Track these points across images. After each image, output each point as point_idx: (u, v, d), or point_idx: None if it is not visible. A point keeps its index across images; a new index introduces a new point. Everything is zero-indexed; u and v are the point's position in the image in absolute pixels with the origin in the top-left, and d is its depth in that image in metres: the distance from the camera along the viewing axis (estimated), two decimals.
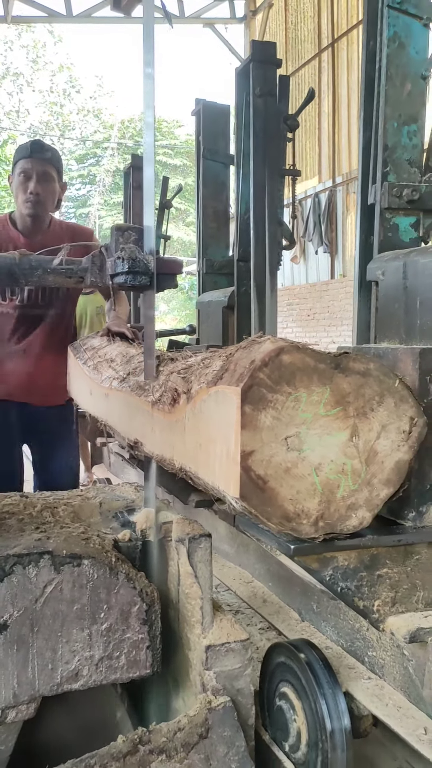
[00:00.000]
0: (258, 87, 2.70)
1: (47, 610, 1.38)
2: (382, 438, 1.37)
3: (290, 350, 1.29)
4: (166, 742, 1.37)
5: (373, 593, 1.46)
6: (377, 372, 1.36)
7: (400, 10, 1.80)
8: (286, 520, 1.31)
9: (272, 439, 1.28)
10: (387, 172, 1.81)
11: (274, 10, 14.27)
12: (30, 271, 1.90)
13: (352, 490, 1.35)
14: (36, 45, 31.72)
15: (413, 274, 1.63)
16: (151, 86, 1.67)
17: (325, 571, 1.44)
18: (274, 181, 2.79)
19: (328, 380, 1.31)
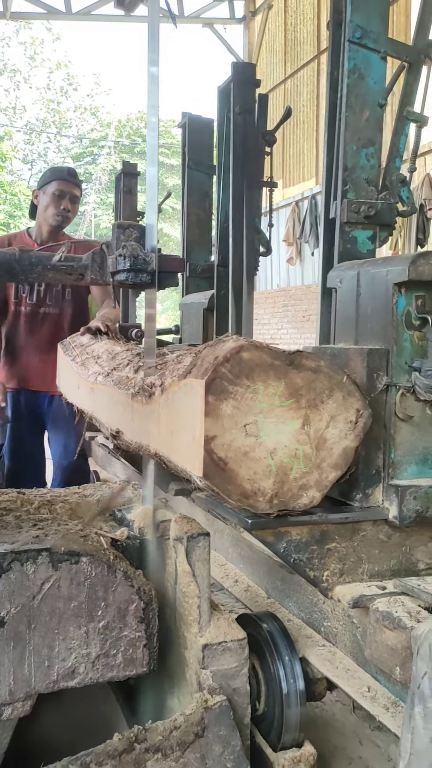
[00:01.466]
0: (238, 105, 2.86)
1: (44, 607, 1.38)
2: (331, 427, 1.53)
3: (249, 348, 1.46)
4: (162, 740, 1.37)
5: (323, 565, 1.63)
6: (327, 369, 1.52)
7: (360, 45, 1.98)
8: (244, 498, 1.46)
9: (232, 426, 1.44)
10: (347, 190, 1.99)
11: (273, 12, 14.27)
12: (29, 267, 1.90)
13: (303, 473, 1.51)
14: (34, 42, 31.65)
15: (364, 283, 1.80)
16: (155, 86, 1.67)
17: (279, 544, 1.59)
18: (252, 192, 2.95)
19: (283, 375, 1.48)
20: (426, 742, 1.21)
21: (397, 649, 1.37)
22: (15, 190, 20.66)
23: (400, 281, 1.65)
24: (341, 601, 1.60)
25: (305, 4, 13.49)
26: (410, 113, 2.19)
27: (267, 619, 1.68)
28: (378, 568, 1.69)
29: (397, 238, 9.26)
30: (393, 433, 1.66)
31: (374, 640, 1.45)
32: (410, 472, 1.68)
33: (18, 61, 32.17)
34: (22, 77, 31.94)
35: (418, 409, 1.67)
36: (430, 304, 1.67)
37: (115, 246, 1.71)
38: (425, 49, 2.17)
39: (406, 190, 2.11)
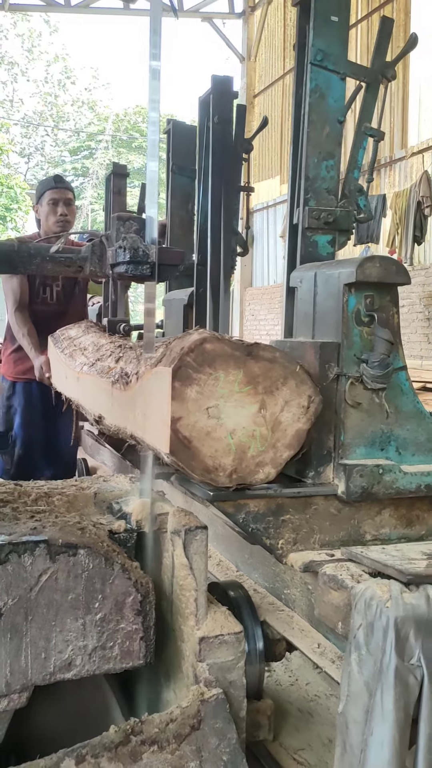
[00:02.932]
0: (216, 115, 3.04)
1: (42, 599, 1.38)
2: (285, 411, 1.69)
3: (212, 340, 1.60)
4: (158, 733, 1.37)
5: (278, 534, 1.78)
6: (282, 359, 1.68)
7: (321, 67, 2.14)
8: (206, 472, 1.62)
9: (196, 409, 1.59)
10: (308, 198, 2.15)
11: (272, 6, 14.23)
12: (28, 258, 1.89)
13: (260, 451, 1.67)
14: (32, 34, 31.50)
15: (320, 283, 1.95)
16: (156, 81, 1.67)
17: (239, 515, 1.74)
18: (230, 197, 3.12)
19: (242, 364, 1.63)
20: (360, 685, 1.35)
21: (340, 607, 1.51)
22: (11, 183, 20.57)
23: (349, 282, 1.81)
24: (294, 566, 1.75)
25: None
26: (368, 129, 2.37)
27: (233, 587, 1.81)
28: (328, 538, 1.84)
29: (394, 236, 9.27)
30: (343, 418, 1.82)
31: (322, 600, 1.60)
32: (358, 453, 1.84)
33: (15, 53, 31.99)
34: (20, 70, 31.80)
35: (366, 396, 1.83)
36: (377, 303, 1.84)
37: (114, 238, 1.70)
38: (382, 71, 2.35)
39: (363, 199, 2.28)
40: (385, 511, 1.89)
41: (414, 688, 1.32)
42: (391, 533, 1.90)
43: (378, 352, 1.80)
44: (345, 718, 1.37)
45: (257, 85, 14.63)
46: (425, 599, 1.37)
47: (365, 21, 10.94)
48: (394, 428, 1.87)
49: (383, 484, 1.79)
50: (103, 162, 28.10)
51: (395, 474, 1.81)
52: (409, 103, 10.08)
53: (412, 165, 9.78)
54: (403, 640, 1.32)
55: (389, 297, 1.86)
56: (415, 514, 1.92)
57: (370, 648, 1.35)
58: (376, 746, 1.31)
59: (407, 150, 9.89)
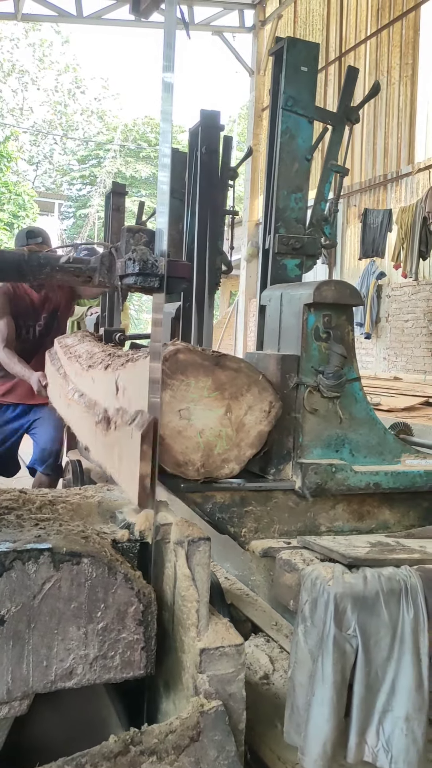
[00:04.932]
0: (204, 146, 3.25)
1: (44, 607, 1.38)
2: (248, 414, 1.88)
3: (184, 351, 1.80)
4: (157, 743, 1.37)
5: (242, 523, 1.96)
6: (246, 369, 1.87)
7: (291, 111, 2.40)
8: (177, 466, 1.81)
9: (169, 411, 1.78)
10: (279, 226, 2.41)
11: (283, 22, 14.35)
12: (38, 268, 1.91)
13: (225, 449, 1.86)
14: (42, 44, 31.78)
15: (285, 302, 2.16)
16: (169, 93, 1.69)
17: (206, 505, 1.92)
18: (215, 219, 3.35)
19: (210, 373, 1.82)
20: (305, 653, 1.53)
21: (292, 587, 1.69)
22: (19, 190, 20.70)
23: (309, 302, 2.01)
24: (255, 552, 1.93)
25: (315, 16, 13.57)
26: (333, 165, 2.62)
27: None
28: (287, 528, 2.01)
29: (399, 251, 9.29)
30: (302, 422, 2.01)
31: (278, 582, 1.78)
32: (315, 453, 2.03)
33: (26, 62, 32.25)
34: (30, 79, 32.07)
35: (323, 404, 2.03)
36: (334, 321, 2.04)
37: (124, 249, 1.72)
38: (347, 114, 2.65)
39: (328, 227, 2.53)
40: (338, 506, 2.07)
41: (350, 655, 1.50)
42: (344, 526, 2.08)
43: (333, 365, 2.01)
44: (293, 682, 1.56)
45: (266, 98, 14.72)
46: (362, 579, 1.55)
47: (375, 38, 11.04)
48: (348, 432, 2.07)
49: (336, 481, 1.98)
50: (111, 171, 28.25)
51: (347, 473, 1.99)
52: (417, 120, 10.14)
53: (418, 181, 9.82)
54: (341, 613, 1.50)
55: (345, 316, 2.06)
56: (366, 509, 2.10)
57: (314, 620, 1.53)
58: (317, 706, 1.48)
59: (414, 166, 9.93)
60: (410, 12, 10.32)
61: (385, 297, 10.16)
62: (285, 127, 2.41)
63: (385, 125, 10.83)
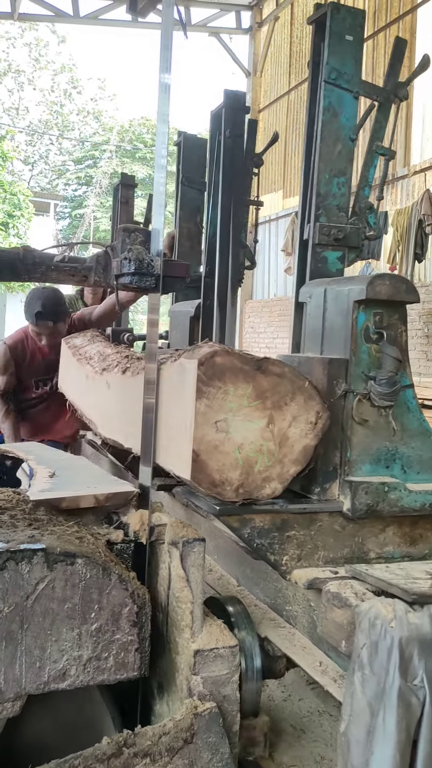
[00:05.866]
0: (228, 129, 3.05)
1: (38, 608, 1.38)
2: (293, 426, 1.69)
3: (222, 354, 1.61)
4: (150, 745, 1.37)
5: (283, 550, 1.77)
6: (290, 374, 1.68)
7: (335, 85, 2.18)
8: (213, 486, 1.61)
9: (204, 423, 1.59)
10: (319, 215, 2.18)
11: (279, 23, 14.36)
12: (33, 266, 1.90)
13: (267, 466, 1.67)
14: (39, 43, 31.73)
15: (330, 299, 1.96)
16: (166, 95, 1.68)
17: (244, 530, 1.73)
18: (238, 210, 3.14)
19: (251, 378, 1.63)
20: (363, 704, 1.34)
21: (344, 625, 1.50)
22: (15, 190, 20.64)
23: (359, 299, 1.81)
24: (298, 582, 1.74)
25: None
26: (379, 147, 2.42)
27: (231, 602, 1.77)
28: (332, 555, 1.83)
29: (395, 253, 9.30)
30: (350, 435, 1.82)
31: (325, 618, 1.59)
32: (364, 470, 1.83)
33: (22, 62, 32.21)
34: (26, 78, 32.00)
35: (373, 413, 1.84)
36: (386, 320, 1.84)
37: (120, 249, 1.71)
38: (394, 90, 2.41)
39: (372, 216, 2.32)
40: (389, 528, 1.87)
41: (416, 708, 1.31)
42: (395, 551, 1.88)
43: (386, 370, 1.81)
44: (347, 738, 1.36)
45: (262, 100, 14.74)
46: (429, 619, 1.36)
47: (371, 40, 11.05)
48: (399, 446, 1.87)
49: (388, 502, 1.79)
50: (107, 171, 28.21)
51: (400, 492, 1.80)
52: (413, 122, 10.16)
53: (414, 183, 9.84)
54: (406, 660, 1.31)
55: (398, 315, 1.87)
56: (419, 532, 1.90)
57: (374, 668, 1.34)
58: (377, 767, 1.31)
59: (410, 168, 9.95)
60: (406, 15, 10.34)
61: None
62: (327, 103, 2.18)
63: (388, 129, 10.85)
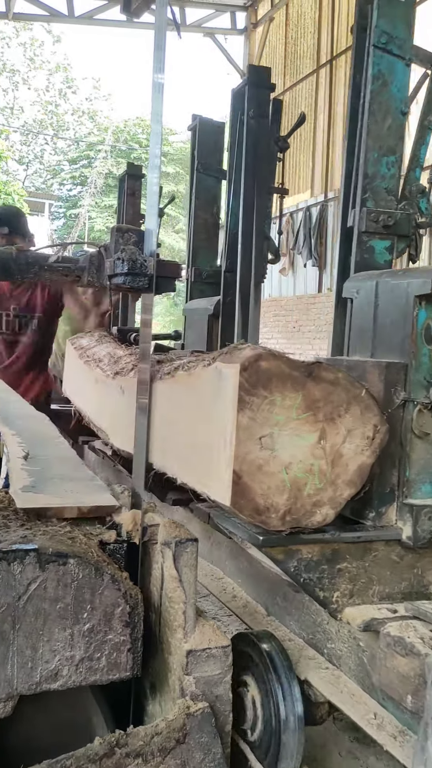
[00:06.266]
0: (252, 109, 2.81)
1: (30, 608, 1.37)
2: (347, 442, 1.48)
3: (267, 357, 1.40)
4: (143, 745, 1.36)
5: (333, 585, 1.56)
6: (345, 381, 1.47)
7: (385, 50, 1.94)
8: (256, 513, 1.41)
9: (247, 438, 1.39)
10: (366, 199, 1.95)
11: (274, 24, 14.40)
12: (26, 266, 1.90)
13: (317, 489, 1.47)
14: (33, 43, 31.70)
15: (383, 294, 1.75)
16: (160, 94, 1.68)
17: (289, 563, 1.53)
18: (262, 198, 2.90)
19: (300, 386, 1.43)
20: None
21: (409, 677, 1.31)
22: (9, 189, 20.62)
23: (421, 293, 1.59)
24: (351, 623, 1.52)
25: (306, 19, 13.62)
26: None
27: (264, 638, 1.59)
28: (389, 590, 1.62)
29: None
30: (408, 451, 1.60)
31: (384, 666, 1.39)
32: (425, 491, 1.62)
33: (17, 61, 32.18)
34: (21, 78, 31.98)
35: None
36: None
37: (113, 249, 1.72)
38: None
39: (424, 201, 2.08)
40: None
41: None
42: None
43: None
44: None
45: None
46: None
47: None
48: None
49: None
50: (102, 171, 28.20)
51: None
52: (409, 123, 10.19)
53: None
54: None
55: None
56: None
57: None
58: None
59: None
60: None
61: None
62: (376, 71, 1.94)
63: None
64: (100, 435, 2.52)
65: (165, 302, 25.99)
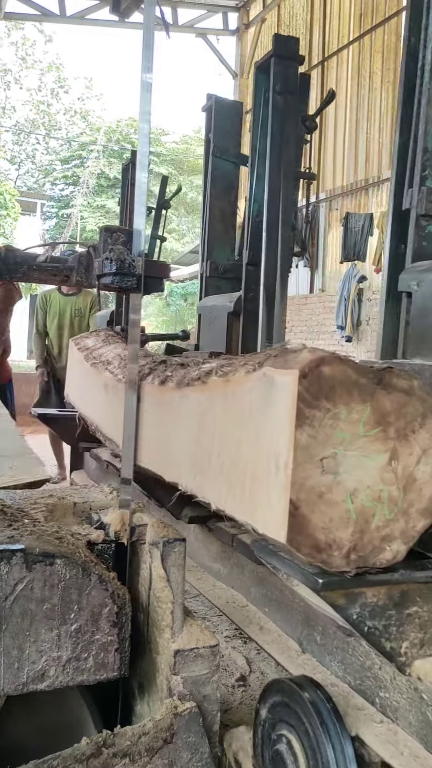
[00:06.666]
0: (278, 83, 2.53)
1: (16, 609, 1.37)
2: (422, 463, 1.25)
3: (331, 361, 1.17)
4: (130, 745, 1.36)
5: (401, 634, 1.29)
6: (420, 391, 1.24)
7: None
8: (316, 551, 1.18)
9: (307, 460, 1.16)
10: (426, 176, 1.73)
11: (266, 25, 14.42)
12: (15, 266, 1.90)
13: (387, 520, 1.24)
14: (25, 42, 31.61)
15: None
16: (148, 93, 1.69)
17: (352, 609, 1.27)
18: (288, 184, 2.66)
19: (369, 397, 1.20)
20: None
21: None
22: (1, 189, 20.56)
23: None
24: (423, 680, 1.27)
25: (298, 20, 13.65)
26: None
27: (306, 686, 1.36)
28: None
29: (380, 254, 9.36)
30: None
31: None
32: None
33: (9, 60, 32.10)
34: (13, 77, 31.88)
35: None
36: None
37: (102, 249, 1.71)
38: None
39: None
40: None
41: None
42: None
43: None
44: None
45: (249, 101, 14.80)
46: None
47: (357, 42, 11.12)
48: None
49: None
50: (94, 171, 28.16)
51: None
52: None
53: None
54: None
55: None
56: None
57: None
58: None
59: None
60: (392, 17, 10.42)
61: (366, 300, 10.24)
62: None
63: (366, 130, 10.91)
64: (110, 447, 2.30)
65: (158, 303, 25.97)
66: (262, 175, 2.68)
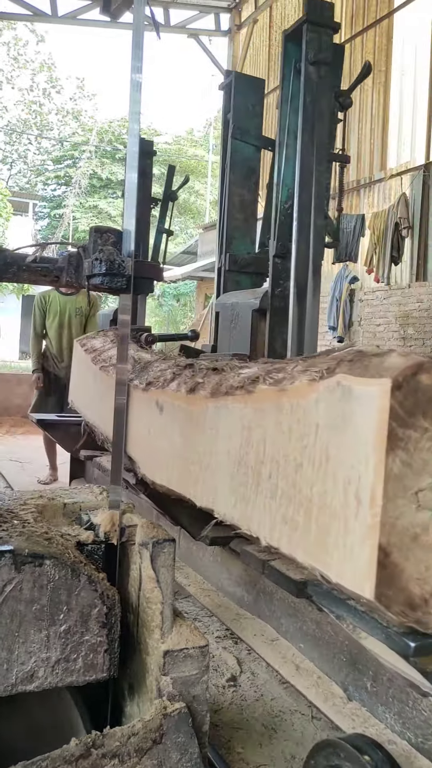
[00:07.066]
0: (312, 52, 2.25)
1: (5, 610, 1.37)
2: None
3: (431, 368, 0.94)
4: (119, 746, 1.36)
5: None
6: None
7: None
8: (410, 609, 0.94)
9: (399, 493, 0.93)
10: None
11: (258, 26, 14.42)
12: (5, 267, 1.89)
13: None
14: (17, 42, 31.52)
15: None
16: (138, 93, 1.68)
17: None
18: (322, 167, 2.40)
19: None
20: None
21: None
22: None
23: None
24: None
25: (290, 21, 13.65)
26: None
27: (366, 746, 1.19)
28: None
29: (372, 256, 9.38)
30: None
31: None
32: None
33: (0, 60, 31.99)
34: (4, 77, 31.77)
35: None
36: None
37: (91, 250, 1.71)
38: None
39: None
40: None
41: None
42: None
43: None
44: None
45: None
46: None
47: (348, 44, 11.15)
48: None
49: None
50: (86, 171, 28.09)
51: None
52: (389, 126, 10.26)
53: (390, 187, 9.94)
54: None
55: None
56: None
57: None
58: None
59: (386, 172, 10.05)
60: (384, 19, 10.45)
61: (358, 301, 10.26)
62: None
63: (358, 131, 10.94)
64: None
65: (150, 303, 25.93)
66: (292, 157, 2.43)
